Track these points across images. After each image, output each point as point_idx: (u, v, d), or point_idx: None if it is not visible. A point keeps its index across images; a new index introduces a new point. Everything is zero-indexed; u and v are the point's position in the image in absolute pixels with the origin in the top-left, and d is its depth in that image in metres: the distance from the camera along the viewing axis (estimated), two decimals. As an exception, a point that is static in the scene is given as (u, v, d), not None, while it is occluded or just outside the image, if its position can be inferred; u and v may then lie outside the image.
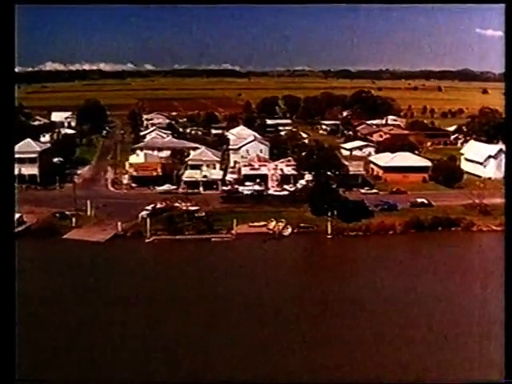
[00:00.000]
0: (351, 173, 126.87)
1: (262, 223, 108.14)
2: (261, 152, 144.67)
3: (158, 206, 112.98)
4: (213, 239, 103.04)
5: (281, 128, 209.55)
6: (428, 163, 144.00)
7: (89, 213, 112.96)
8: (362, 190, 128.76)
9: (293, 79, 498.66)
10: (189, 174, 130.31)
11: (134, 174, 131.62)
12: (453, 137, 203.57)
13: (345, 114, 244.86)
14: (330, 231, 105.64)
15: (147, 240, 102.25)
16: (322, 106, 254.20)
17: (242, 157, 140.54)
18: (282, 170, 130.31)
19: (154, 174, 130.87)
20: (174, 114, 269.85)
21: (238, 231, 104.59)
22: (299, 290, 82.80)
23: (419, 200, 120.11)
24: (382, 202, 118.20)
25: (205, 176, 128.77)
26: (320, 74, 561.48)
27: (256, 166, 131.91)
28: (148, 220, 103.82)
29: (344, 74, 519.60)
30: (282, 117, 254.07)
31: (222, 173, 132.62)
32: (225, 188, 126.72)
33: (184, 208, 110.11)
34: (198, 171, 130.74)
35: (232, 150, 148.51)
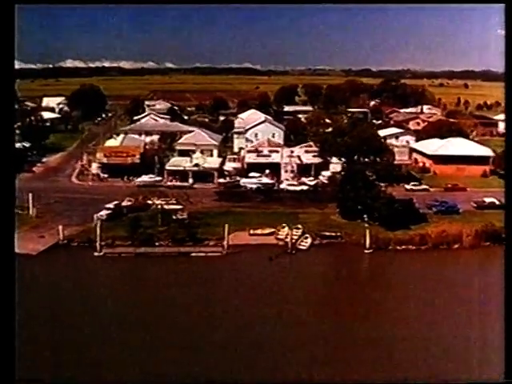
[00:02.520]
0: (395, 162, 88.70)
1: (269, 230, 71.56)
2: (273, 137, 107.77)
3: (124, 203, 77.16)
4: (193, 254, 66.44)
5: (300, 116, 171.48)
6: (489, 152, 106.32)
7: (31, 212, 77.25)
8: (408, 186, 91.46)
9: (313, 77, 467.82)
10: (174, 162, 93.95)
11: (104, 160, 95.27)
12: (502, 126, 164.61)
13: (372, 103, 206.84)
14: (368, 243, 68.54)
15: (96, 253, 66.09)
16: (347, 94, 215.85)
17: (247, 139, 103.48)
18: (299, 157, 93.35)
19: (130, 161, 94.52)
20: (182, 103, 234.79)
21: (233, 242, 67.90)
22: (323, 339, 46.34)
23: (487, 200, 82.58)
24: (437, 202, 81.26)
25: (196, 165, 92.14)
26: (341, 72, 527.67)
27: (265, 152, 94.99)
28: (98, 224, 67.53)
29: (365, 74, 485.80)
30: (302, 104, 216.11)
31: (219, 161, 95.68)
32: (221, 180, 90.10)
33: (159, 207, 73.77)
34: (188, 158, 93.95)
35: (236, 133, 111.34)
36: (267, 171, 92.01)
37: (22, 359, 30.66)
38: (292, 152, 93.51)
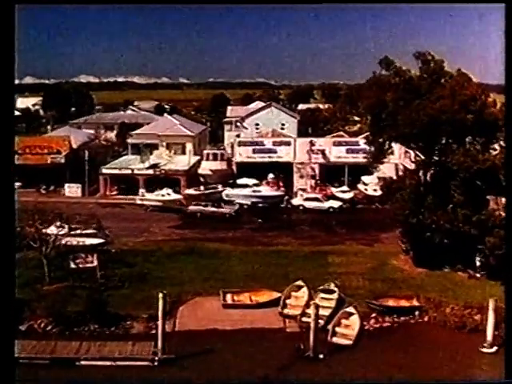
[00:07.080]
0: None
1: (270, 295, 32.25)
2: (282, 128, 69.23)
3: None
4: (83, 362, 27.06)
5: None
6: None
7: None
8: None
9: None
10: (116, 164, 55.52)
11: (15, 161, 56.98)
12: None
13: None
14: (491, 330, 28.58)
15: None
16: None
17: (237, 126, 64.81)
18: (323, 153, 54.40)
19: (50, 160, 56.02)
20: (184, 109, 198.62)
21: (186, 326, 28.73)
22: None
23: None
24: None
25: (153, 166, 53.40)
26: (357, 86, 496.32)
27: (268, 146, 55.95)
28: None
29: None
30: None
31: (194, 161, 56.39)
32: (190, 191, 51.08)
33: (50, 245, 34.96)
34: (139, 157, 55.45)
35: (227, 123, 72.36)
36: (270, 176, 53.13)
37: None
38: (312, 144, 54.36)
